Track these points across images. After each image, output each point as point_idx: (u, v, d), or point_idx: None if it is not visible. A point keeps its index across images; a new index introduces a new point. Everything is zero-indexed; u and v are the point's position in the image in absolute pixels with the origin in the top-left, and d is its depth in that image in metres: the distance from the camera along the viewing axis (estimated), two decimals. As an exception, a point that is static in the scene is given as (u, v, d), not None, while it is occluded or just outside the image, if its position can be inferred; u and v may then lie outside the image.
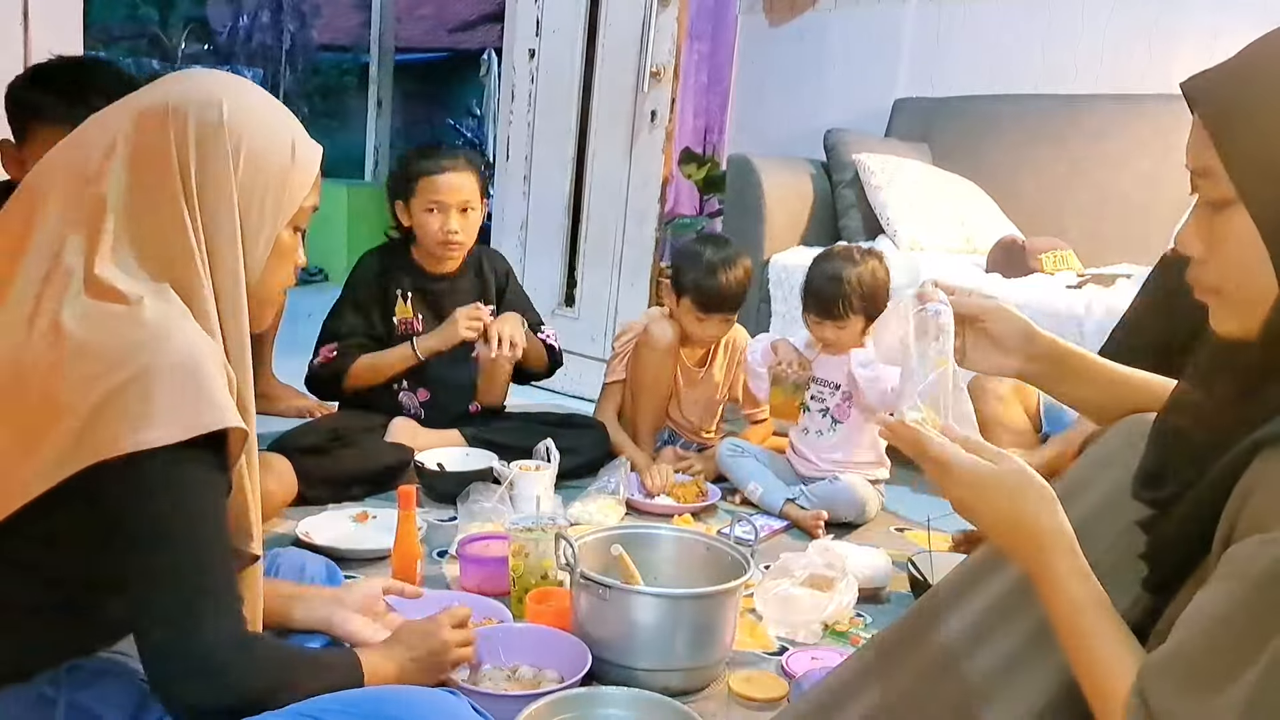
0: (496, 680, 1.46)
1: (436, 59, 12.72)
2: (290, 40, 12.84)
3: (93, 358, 0.91)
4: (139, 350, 0.92)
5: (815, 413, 2.44)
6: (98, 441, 0.89)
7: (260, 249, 1.04)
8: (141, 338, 0.92)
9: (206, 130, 0.99)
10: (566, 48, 3.69)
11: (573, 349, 3.60)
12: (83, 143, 1.00)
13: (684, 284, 2.52)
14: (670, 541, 1.76)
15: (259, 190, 1.02)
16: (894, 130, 3.74)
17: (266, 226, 1.03)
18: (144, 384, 0.90)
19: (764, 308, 3.20)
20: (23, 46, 2.36)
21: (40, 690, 0.99)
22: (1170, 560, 0.85)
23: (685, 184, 4.42)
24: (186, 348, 0.94)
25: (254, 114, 1.03)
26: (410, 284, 2.52)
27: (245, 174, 1.01)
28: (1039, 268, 2.80)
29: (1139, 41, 3.30)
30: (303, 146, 1.07)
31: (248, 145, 1.01)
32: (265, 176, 1.02)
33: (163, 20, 12.92)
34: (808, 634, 1.73)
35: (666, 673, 1.52)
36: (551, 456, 2.22)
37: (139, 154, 0.98)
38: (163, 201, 0.97)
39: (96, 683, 1.01)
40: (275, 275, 1.08)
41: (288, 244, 1.08)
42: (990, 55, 3.64)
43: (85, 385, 0.90)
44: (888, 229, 3.24)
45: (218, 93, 1.02)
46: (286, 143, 1.05)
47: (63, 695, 0.99)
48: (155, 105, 1.00)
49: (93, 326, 0.92)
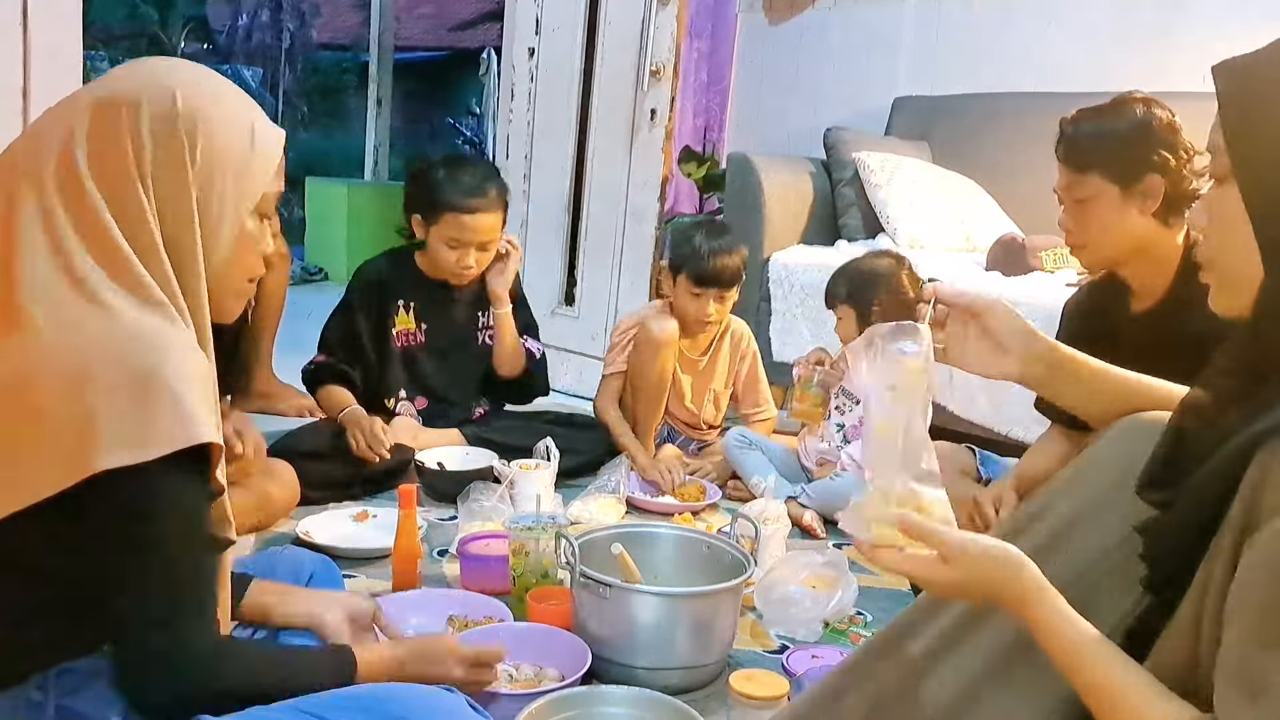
0: (497, 678, 1.46)
1: (436, 58, 12.71)
2: (290, 39, 12.83)
3: (71, 366, 0.91)
4: (119, 362, 0.91)
5: (831, 423, 2.44)
6: (83, 457, 0.89)
7: (223, 238, 1.02)
8: (119, 347, 0.92)
9: (161, 120, 0.97)
10: (566, 46, 3.69)
11: (573, 348, 3.60)
12: (39, 134, 0.99)
13: (679, 261, 2.54)
14: (670, 540, 1.76)
15: (218, 179, 1.00)
16: (894, 128, 3.74)
17: (228, 215, 1.02)
18: (125, 398, 0.90)
19: (764, 306, 3.20)
20: (22, 46, 2.36)
21: (29, 694, 0.98)
22: (1171, 558, 0.85)
23: (685, 183, 4.42)
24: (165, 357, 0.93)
25: (210, 101, 1.01)
26: (413, 294, 2.51)
27: (203, 162, 0.99)
28: (1039, 266, 2.80)
29: (1139, 40, 3.30)
30: (263, 132, 1.05)
31: (204, 133, 0.99)
32: (224, 164, 1.01)
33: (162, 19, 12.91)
34: (808, 633, 1.73)
35: (667, 671, 1.52)
36: (551, 455, 2.22)
37: (94, 146, 0.97)
38: (120, 194, 0.96)
39: (87, 687, 1.00)
40: (240, 264, 1.06)
41: (252, 232, 1.06)
42: (990, 53, 3.64)
43: (66, 396, 0.90)
44: (887, 227, 3.24)
45: (172, 81, 1.00)
46: (245, 129, 1.03)
47: (51, 699, 0.98)
48: (109, 96, 0.99)
49: (67, 331, 0.92)
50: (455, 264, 2.41)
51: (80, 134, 0.97)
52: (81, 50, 2.51)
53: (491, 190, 2.41)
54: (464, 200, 2.36)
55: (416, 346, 2.51)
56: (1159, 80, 3.18)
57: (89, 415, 0.89)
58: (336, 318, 2.51)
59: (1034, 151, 3.46)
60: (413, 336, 2.51)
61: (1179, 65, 3.19)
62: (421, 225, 2.44)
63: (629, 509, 2.32)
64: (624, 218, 3.52)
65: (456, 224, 2.37)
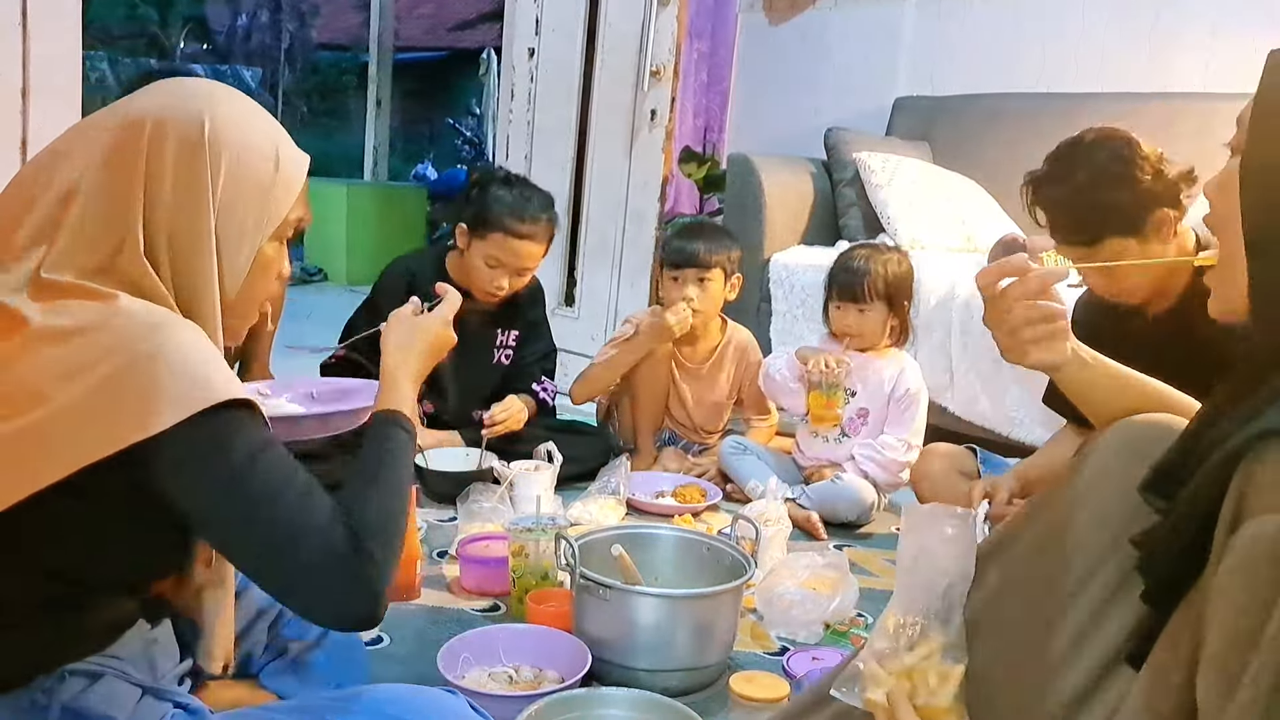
0: (497, 681, 1.46)
1: (435, 58, 12.71)
2: (289, 39, 12.85)
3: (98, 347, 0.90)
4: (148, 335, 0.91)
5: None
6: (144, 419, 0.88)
7: (240, 264, 1.02)
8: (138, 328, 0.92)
9: (186, 144, 0.97)
10: (566, 46, 3.69)
11: (572, 349, 3.60)
12: (69, 152, 0.99)
13: (663, 257, 2.63)
14: (671, 542, 1.76)
15: (239, 207, 1.00)
16: (894, 129, 3.74)
17: (246, 242, 1.01)
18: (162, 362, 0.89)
19: (764, 307, 3.20)
20: (21, 46, 2.35)
21: (33, 696, 0.98)
22: (1165, 569, 0.84)
23: (685, 183, 4.41)
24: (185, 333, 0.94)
25: (237, 128, 1.00)
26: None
27: (225, 191, 0.99)
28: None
29: (1139, 40, 3.30)
30: (287, 160, 1.04)
31: (228, 162, 0.98)
32: (246, 193, 1.00)
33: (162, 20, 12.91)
34: (809, 634, 1.73)
35: (667, 673, 1.51)
36: (554, 458, 2.21)
37: (117, 166, 0.96)
38: (133, 216, 0.95)
39: (92, 689, 1.00)
40: (256, 289, 1.06)
41: (270, 257, 1.05)
42: (991, 54, 3.64)
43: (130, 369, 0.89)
44: (888, 228, 3.24)
45: (201, 105, 1.00)
46: (270, 158, 1.02)
47: (56, 701, 0.98)
48: (137, 117, 0.98)
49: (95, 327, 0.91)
50: (489, 283, 2.40)
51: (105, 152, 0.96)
52: (81, 50, 2.50)
53: (544, 220, 2.39)
54: (517, 225, 2.35)
55: None
56: (1159, 80, 3.18)
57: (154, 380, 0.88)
58: (362, 314, 2.49)
59: (1035, 152, 3.43)
60: None
61: (1179, 65, 3.19)
62: (465, 235, 2.42)
63: (629, 510, 2.31)
64: (624, 218, 3.52)
65: (503, 245, 2.36)
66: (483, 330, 2.55)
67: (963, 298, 2.72)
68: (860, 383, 2.41)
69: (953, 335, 2.73)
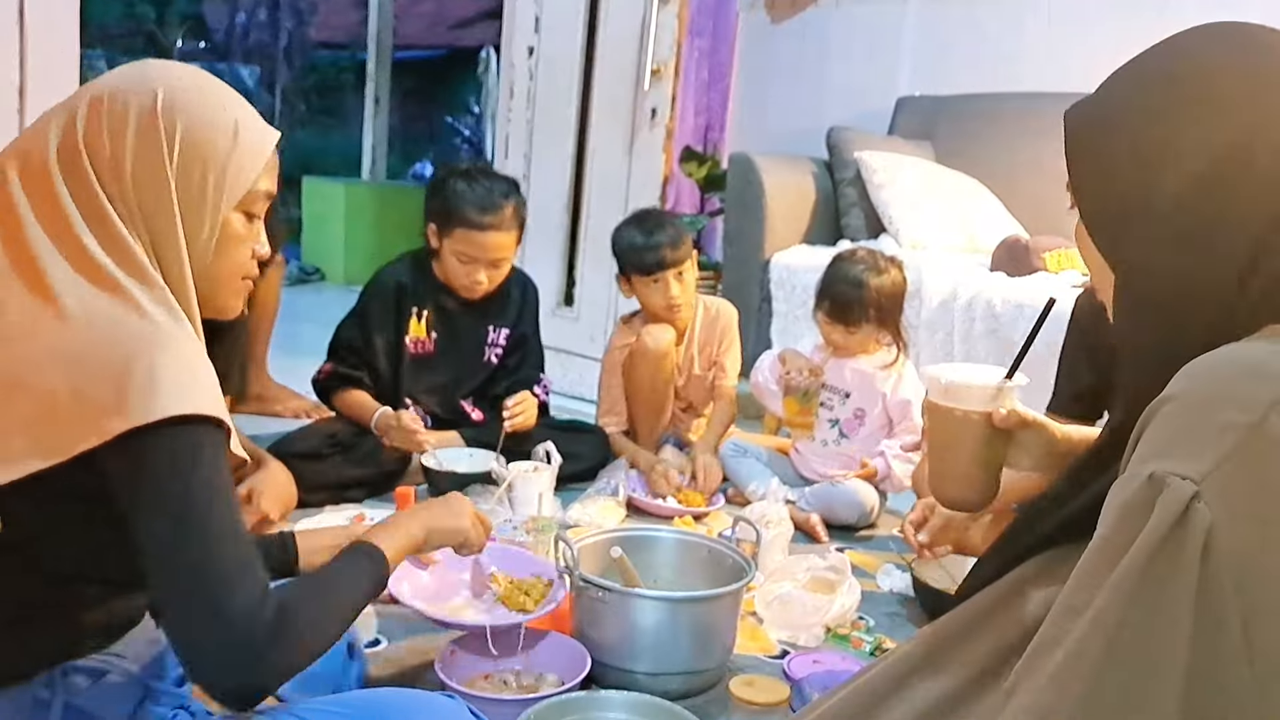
0: (495, 684, 1.45)
1: (434, 56, 12.69)
2: (287, 38, 12.82)
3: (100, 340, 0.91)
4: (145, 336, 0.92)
5: (824, 420, 2.42)
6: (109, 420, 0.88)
7: (204, 234, 1.02)
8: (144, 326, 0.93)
9: (142, 117, 0.99)
10: (566, 45, 3.68)
11: (572, 349, 3.59)
12: (41, 130, 1.00)
13: (624, 264, 2.56)
14: (671, 544, 1.75)
15: (197, 175, 1.01)
16: (897, 128, 3.73)
17: (209, 211, 1.02)
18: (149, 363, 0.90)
19: (765, 307, 3.19)
20: (19, 44, 2.34)
21: (35, 693, 0.98)
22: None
23: (686, 182, 4.40)
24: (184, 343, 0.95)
25: (191, 98, 1.02)
26: (427, 301, 2.47)
27: (182, 159, 1.00)
28: (1043, 267, 2.79)
29: (1141, 40, 3.27)
30: (248, 129, 1.05)
31: (183, 129, 1.00)
32: (204, 157, 1.01)
33: (159, 18, 12.89)
34: (809, 637, 1.72)
35: (667, 676, 1.50)
36: (552, 459, 2.20)
37: (86, 142, 0.98)
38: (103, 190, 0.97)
39: (94, 685, 1.00)
40: (227, 261, 1.06)
41: (238, 229, 1.06)
42: (993, 53, 3.62)
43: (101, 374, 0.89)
44: (890, 228, 3.23)
45: (157, 76, 1.02)
46: (228, 126, 1.03)
47: (58, 697, 0.98)
48: (97, 94, 1.00)
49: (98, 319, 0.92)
50: (466, 278, 2.39)
51: (71, 130, 0.99)
52: (78, 49, 2.49)
53: (507, 208, 2.36)
54: (477, 217, 2.32)
55: (426, 355, 2.49)
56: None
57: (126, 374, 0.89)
58: (349, 325, 2.48)
59: (1038, 151, 3.47)
60: (423, 344, 2.48)
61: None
62: (436, 235, 2.41)
63: (629, 512, 2.30)
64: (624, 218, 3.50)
65: (467, 240, 2.34)
66: (475, 329, 2.54)
67: (965, 299, 2.71)
68: (850, 383, 2.39)
69: (955, 336, 2.72)
